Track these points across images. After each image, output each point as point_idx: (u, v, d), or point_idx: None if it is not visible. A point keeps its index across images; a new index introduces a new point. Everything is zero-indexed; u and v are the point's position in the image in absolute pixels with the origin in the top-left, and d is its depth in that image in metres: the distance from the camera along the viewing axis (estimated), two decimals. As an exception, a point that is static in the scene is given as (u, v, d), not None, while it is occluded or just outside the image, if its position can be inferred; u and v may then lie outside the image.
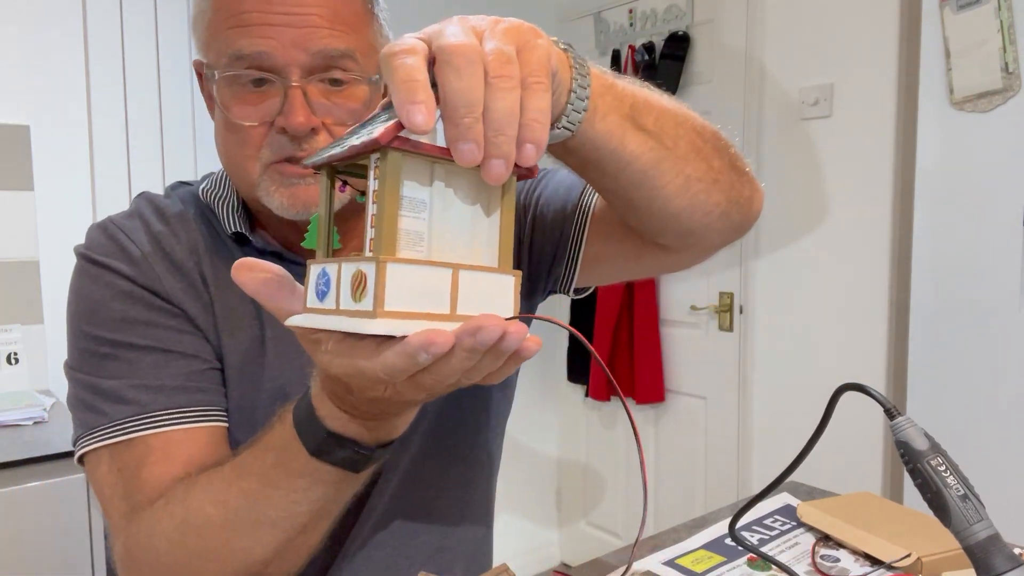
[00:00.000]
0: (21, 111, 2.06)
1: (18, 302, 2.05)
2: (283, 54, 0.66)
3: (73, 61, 2.14)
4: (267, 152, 0.69)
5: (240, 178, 0.72)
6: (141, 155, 2.29)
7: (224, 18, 0.67)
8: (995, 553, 0.53)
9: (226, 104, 0.69)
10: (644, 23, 2.49)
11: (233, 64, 0.67)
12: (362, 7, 0.71)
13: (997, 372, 1.65)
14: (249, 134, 0.69)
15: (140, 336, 0.70)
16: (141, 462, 0.66)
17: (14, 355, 2.00)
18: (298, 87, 0.66)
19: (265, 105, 0.68)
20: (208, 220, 0.77)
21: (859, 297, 2.00)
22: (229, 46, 0.66)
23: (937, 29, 1.68)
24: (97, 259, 0.73)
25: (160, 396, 0.68)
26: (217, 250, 0.75)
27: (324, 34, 0.66)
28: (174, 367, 0.70)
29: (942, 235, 1.73)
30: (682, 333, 2.48)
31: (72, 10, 2.13)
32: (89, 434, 0.68)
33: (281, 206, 0.70)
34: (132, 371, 0.69)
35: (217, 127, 0.73)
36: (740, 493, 2.31)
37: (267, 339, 0.74)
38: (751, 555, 0.87)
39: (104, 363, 0.69)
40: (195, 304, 0.73)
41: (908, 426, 0.57)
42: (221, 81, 0.68)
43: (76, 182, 2.15)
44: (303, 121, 0.66)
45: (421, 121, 0.39)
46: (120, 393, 0.68)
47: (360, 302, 0.41)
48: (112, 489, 0.67)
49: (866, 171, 1.97)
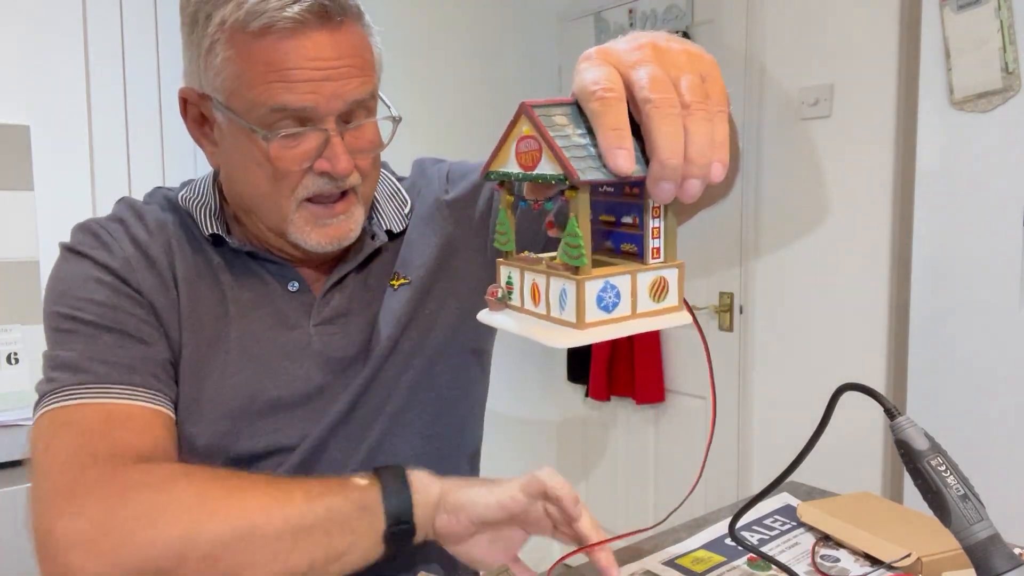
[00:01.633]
0: (21, 111, 2.06)
1: (18, 302, 2.05)
2: (325, 106, 0.70)
3: (73, 61, 2.14)
4: (302, 191, 0.74)
5: (271, 213, 0.76)
6: (141, 155, 2.28)
7: (263, 72, 0.69)
8: (995, 553, 0.53)
9: (277, 156, 0.72)
10: (644, 23, 2.49)
11: (272, 116, 0.70)
12: (369, 43, 0.76)
13: (997, 372, 1.65)
14: (288, 178, 0.73)
15: (101, 317, 0.73)
16: (108, 425, 0.68)
17: (14, 355, 2.00)
18: (338, 135, 0.72)
19: (301, 149, 0.72)
20: (185, 223, 0.82)
21: (859, 297, 2.00)
22: (271, 99, 0.69)
23: (937, 29, 1.68)
24: (76, 249, 0.77)
25: (115, 371, 0.71)
26: (191, 251, 0.80)
27: (356, 84, 0.72)
28: (131, 350, 0.73)
29: (942, 235, 1.73)
30: (682, 333, 2.48)
31: (72, 10, 2.13)
32: (42, 401, 0.70)
33: (318, 243, 0.76)
34: (90, 346, 0.71)
35: (233, 162, 0.76)
36: (740, 493, 2.31)
37: (231, 339, 0.78)
38: (751, 555, 0.87)
39: (65, 337, 0.73)
40: (163, 299, 0.77)
41: (908, 426, 0.57)
42: (274, 139, 0.71)
43: (76, 182, 2.15)
44: (347, 167, 0.72)
45: (626, 167, 0.43)
46: (76, 363, 0.70)
47: (660, 301, 0.48)
48: (68, 444, 0.66)
49: (866, 171, 1.97)
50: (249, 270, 0.81)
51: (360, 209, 0.78)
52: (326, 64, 0.70)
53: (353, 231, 0.77)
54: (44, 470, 0.66)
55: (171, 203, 0.84)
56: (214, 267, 0.80)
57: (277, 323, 0.80)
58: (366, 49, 0.74)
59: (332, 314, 0.82)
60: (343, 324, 0.82)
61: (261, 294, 0.81)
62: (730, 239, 2.29)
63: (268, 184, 0.74)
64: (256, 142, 0.72)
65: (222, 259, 0.81)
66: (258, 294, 0.81)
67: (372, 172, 0.78)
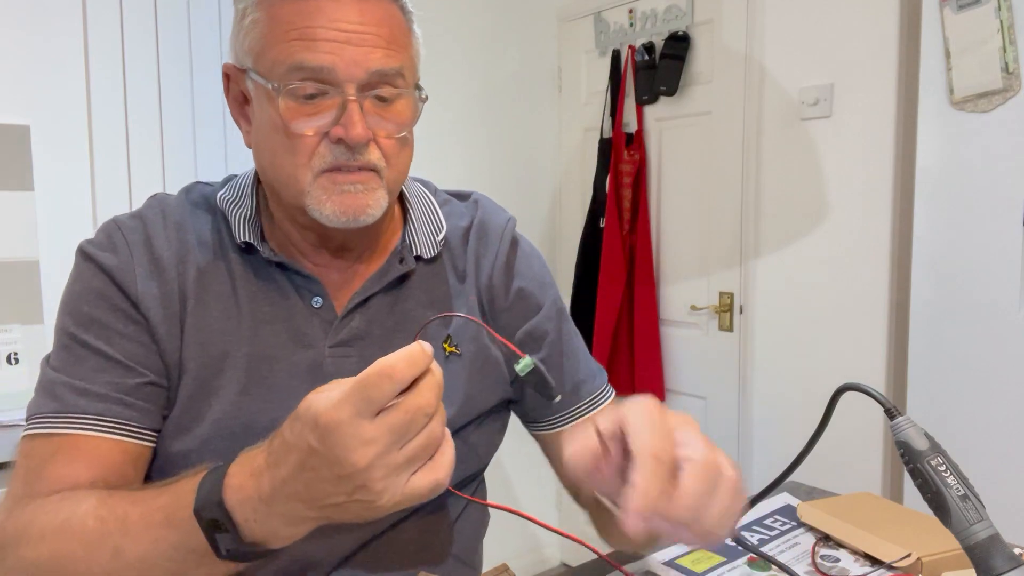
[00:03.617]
0: (21, 111, 2.06)
1: (18, 302, 2.05)
2: (344, 70, 0.69)
3: (73, 61, 2.14)
4: (319, 161, 0.71)
5: (289, 185, 0.73)
6: (141, 155, 2.28)
7: (285, 30, 0.69)
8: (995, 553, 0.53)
9: (287, 114, 0.70)
10: (644, 23, 2.49)
11: (292, 75, 0.69)
12: (406, 25, 0.75)
13: (997, 372, 1.65)
14: (303, 143, 0.71)
15: (94, 336, 0.73)
16: (47, 458, 0.70)
17: (14, 355, 2.00)
18: (356, 101, 0.69)
19: (320, 116, 0.70)
20: (217, 227, 0.80)
21: (859, 297, 2.00)
22: (291, 57, 0.69)
23: (937, 29, 1.68)
24: (88, 251, 0.76)
25: (81, 400, 0.71)
26: (214, 258, 0.78)
27: (380, 54, 0.70)
28: (108, 375, 0.72)
29: (942, 235, 1.73)
30: (682, 333, 2.48)
31: (72, 10, 2.13)
32: (26, 421, 0.74)
33: (332, 213, 0.72)
34: (72, 368, 0.73)
35: (262, 135, 0.74)
36: (740, 493, 2.31)
37: (240, 355, 0.76)
38: (751, 555, 0.87)
39: (59, 353, 0.74)
40: (162, 312, 0.75)
41: (908, 426, 0.57)
42: (283, 93, 0.70)
43: (76, 182, 2.15)
44: (361, 133, 0.69)
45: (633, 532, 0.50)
46: (53, 388, 0.72)
47: None
48: (17, 473, 0.71)
49: (866, 171, 1.97)
50: (273, 282, 0.78)
51: (383, 193, 0.74)
52: (349, 28, 0.69)
53: (371, 209, 0.73)
54: (8, 490, 0.71)
55: (207, 202, 0.81)
56: (235, 277, 0.78)
57: (291, 340, 0.77)
58: (396, 26, 0.73)
59: (350, 336, 0.78)
60: (360, 347, 0.78)
61: (280, 308, 0.78)
62: (730, 239, 2.29)
63: (286, 153, 0.72)
64: (275, 106, 0.70)
65: (248, 268, 0.78)
66: (277, 308, 0.78)
67: (398, 158, 0.75)
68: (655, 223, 2.51)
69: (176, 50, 2.32)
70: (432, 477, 0.52)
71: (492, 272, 0.86)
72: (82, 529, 0.61)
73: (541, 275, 0.90)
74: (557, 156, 2.85)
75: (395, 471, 0.50)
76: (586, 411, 0.88)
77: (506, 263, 0.87)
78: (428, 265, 0.84)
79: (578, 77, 2.74)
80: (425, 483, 0.52)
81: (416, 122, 0.76)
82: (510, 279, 0.87)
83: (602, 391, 0.90)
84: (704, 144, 2.35)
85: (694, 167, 2.39)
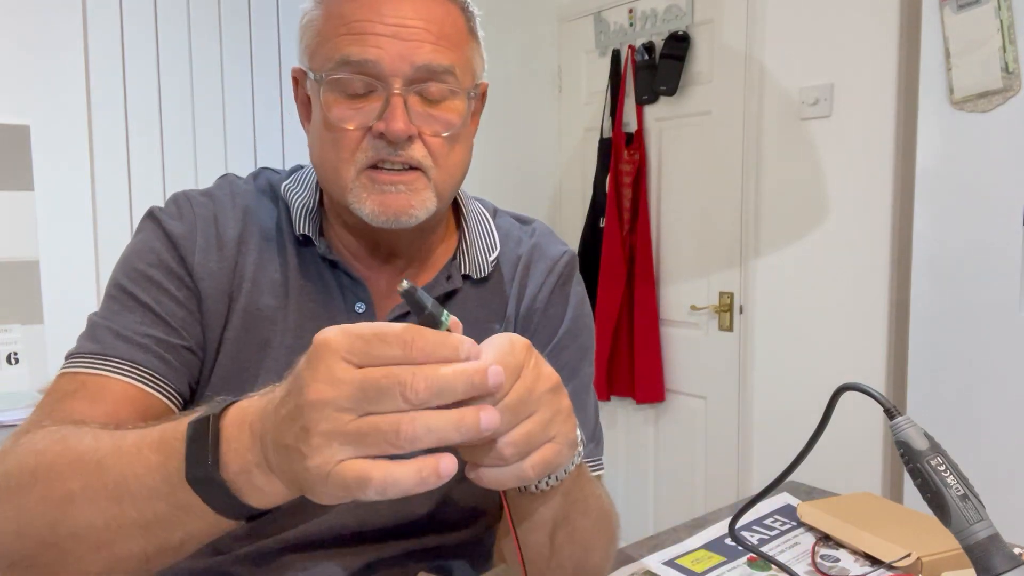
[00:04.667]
0: (21, 111, 2.06)
1: (18, 302, 2.05)
2: (389, 64, 0.68)
3: (73, 61, 2.14)
4: (362, 156, 0.71)
5: (333, 182, 0.73)
6: (141, 155, 2.28)
7: (336, 25, 0.70)
8: (995, 553, 0.53)
9: (327, 106, 0.70)
10: (644, 23, 2.49)
11: (339, 69, 0.69)
12: (464, 26, 0.74)
13: (997, 372, 1.65)
14: (346, 137, 0.70)
15: (144, 292, 0.73)
16: (71, 393, 0.68)
17: (14, 355, 2.00)
18: (400, 95, 0.69)
19: (364, 110, 0.70)
20: (279, 217, 0.80)
21: (859, 297, 2.00)
22: (338, 51, 0.69)
23: (937, 29, 1.68)
24: (155, 214, 0.77)
25: (120, 344, 0.70)
26: (271, 249, 0.78)
27: (429, 49, 0.69)
28: (151, 329, 0.72)
29: (942, 235, 1.73)
30: (682, 333, 2.48)
31: (72, 10, 2.13)
32: (64, 362, 0.72)
33: (372, 213, 0.71)
34: (117, 317, 0.72)
35: (313, 132, 0.75)
36: (740, 493, 2.31)
37: (279, 347, 0.75)
38: (751, 555, 0.87)
39: (107, 304, 0.74)
40: (214, 288, 0.75)
41: (908, 426, 0.57)
42: (325, 84, 0.70)
43: (76, 182, 2.15)
44: (403, 127, 0.68)
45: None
46: (94, 332, 0.72)
47: None
48: (40, 404, 0.69)
49: (866, 171, 1.97)
50: (323, 280, 0.78)
51: (430, 195, 0.72)
52: (397, 22, 0.68)
53: (414, 210, 0.71)
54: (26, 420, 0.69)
55: (272, 190, 0.82)
56: (289, 268, 0.77)
57: None
58: (451, 24, 0.72)
59: None
60: None
61: (324, 307, 0.77)
62: (730, 239, 2.29)
63: (330, 148, 0.71)
64: (326, 103, 0.70)
65: (302, 261, 0.78)
66: (320, 306, 0.77)
67: (447, 158, 0.73)
68: (655, 223, 2.51)
69: (176, 50, 2.32)
70: (367, 474, 0.42)
71: (533, 301, 0.84)
72: (77, 443, 0.58)
73: (576, 317, 0.85)
74: (557, 156, 2.85)
75: (337, 436, 0.42)
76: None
77: (549, 295, 0.84)
78: (475, 286, 0.82)
79: (578, 77, 2.74)
80: (352, 474, 0.42)
81: (466, 123, 0.74)
82: (546, 308, 0.84)
83: (586, 461, 0.81)
84: (704, 144, 2.35)
85: (694, 167, 2.39)
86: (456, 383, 0.44)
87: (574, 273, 0.88)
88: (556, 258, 0.86)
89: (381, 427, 0.42)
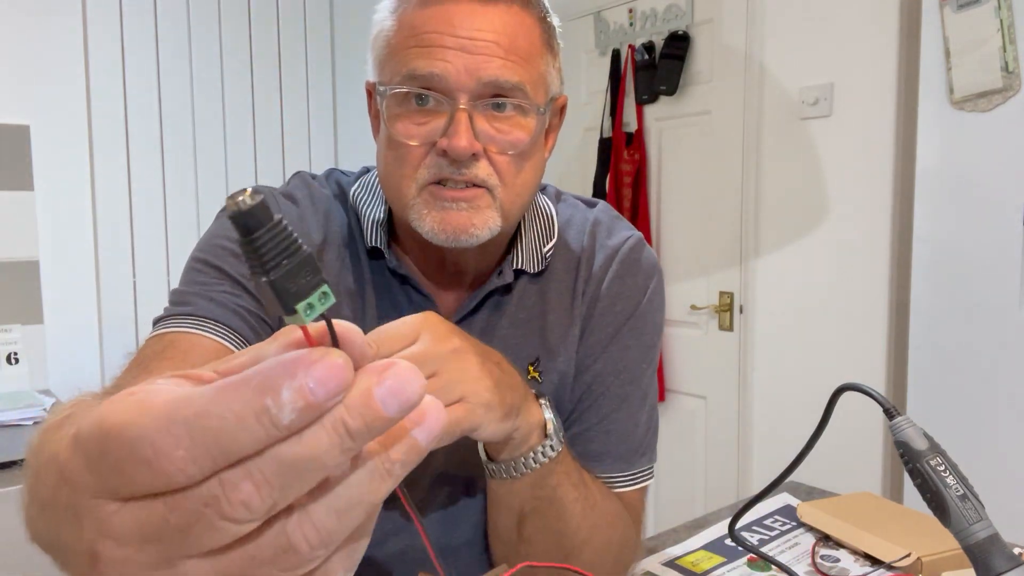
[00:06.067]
0: (21, 111, 2.06)
1: (18, 302, 2.05)
2: (455, 78, 0.66)
3: (73, 61, 2.14)
4: (424, 172, 0.68)
5: (396, 199, 0.71)
6: (141, 155, 2.29)
7: (405, 37, 0.68)
8: (995, 553, 0.53)
9: (391, 121, 0.69)
10: (644, 23, 2.49)
11: (404, 83, 0.67)
12: (540, 38, 0.72)
13: (997, 372, 1.65)
14: (410, 153, 0.68)
15: (230, 266, 0.71)
16: (157, 354, 0.65)
17: (14, 355, 2.00)
18: (465, 111, 0.66)
19: (429, 126, 0.67)
20: (350, 226, 0.77)
21: (859, 297, 2.00)
22: (405, 65, 0.67)
23: (937, 29, 1.68)
24: None
25: (214, 307, 0.68)
26: (343, 257, 0.76)
27: (497, 64, 0.66)
28: (243, 299, 0.70)
29: (942, 235, 1.73)
30: (682, 333, 2.48)
31: (72, 10, 2.13)
32: (153, 327, 0.70)
33: (432, 230, 0.68)
34: (207, 286, 0.70)
35: (379, 146, 0.73)
36: (740, 493, 2.31)
37: None
38: (751, 555, 0.87)
39: (191, 275, 0.72)
40: None
41: (907, 426, 0.57)
42: (390, 98, 0.68)
43: (76, 182, 2.15)
44: (466, 145, 0.66)
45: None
46: (185, 297, 0.70)
47: None
48: (123, 370, 0.65)
49: (866, 171, 1.97)
50: (392, 296, 0.76)
51: (493, 215, 0.69)
52: (468, 35, 0.66)
53: (476, 229, 0.68)
54: None
55: (344, 195, 0.80)
56: (364, 279, 0.75)
57: None
58: (524, 36, 0.69)
59: None
60: None
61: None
62: (730, 239, 2.29)
63: (394, 163, 0.70)
64: (390, 117, 0.69)
65: (374, 272, 0.76)
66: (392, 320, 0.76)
67: (515, 177, 0.70)
68: (655, 223, 2.51)
69: (176, 50, 2.32)
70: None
71: (595, 294, 0.79)
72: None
73: (643, 313, 0.80)
74: (557, 156, 2.85)
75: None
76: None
77: (610, 286, 0.79)
78: (533, 280, 0.79)
79: (578, 76, 2.74)
80: None
81: (537, 141, 0.71)
82: (608, 301, 0.79)
83: (613, 476, 0.79)
84: (704, 144, 2.35)
85: (694, 167, 2.39)
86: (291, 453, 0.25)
87: (640, 260, 0.82)
88: (617, 246, 0.81)
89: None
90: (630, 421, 0.79)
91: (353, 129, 2.72)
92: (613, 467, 0.79)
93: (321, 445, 0.23)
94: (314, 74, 2.57)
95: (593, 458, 0.77)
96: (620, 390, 0.79)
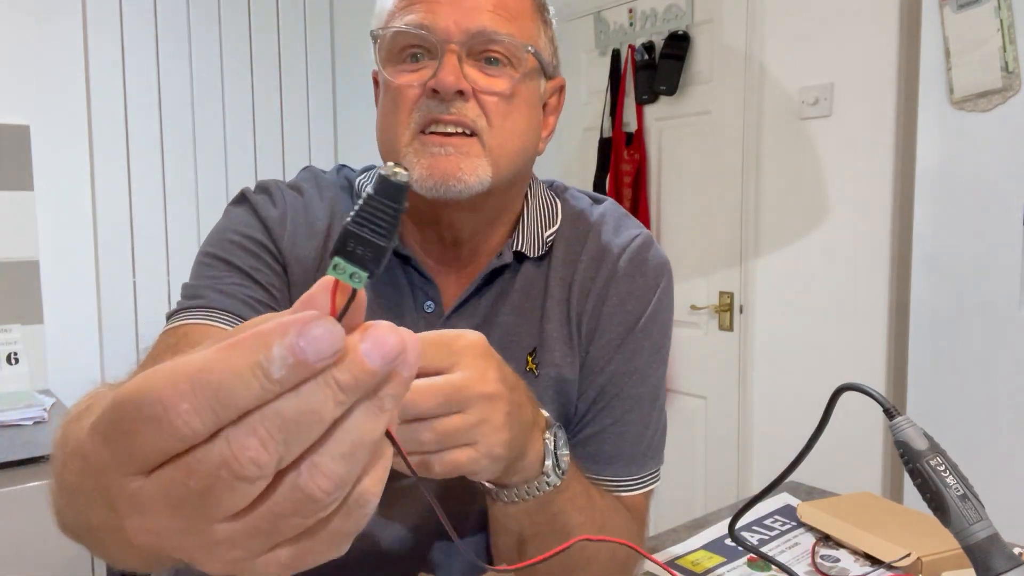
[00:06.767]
0: (21, 111, 2.06)
1: (18, 302, 2.05)
2: (443, 28, 0.68)
3: (73, 61, 2.14)
4: (416, 116, 0.69)
5: (391, 150, 0.72)
6: (141, 155, 2.29)
7: (398, 4, 0.71)
8: (995, 553, 0.53)
9: (385, 64, 0.71)
10: (644, 23, 2.49)
11: (396, 39, 0.70)
12: (531, 4, 0.75)
13: (997, 372, 1.65)
14: (403, 95, 0.70)
15: (239, 260, 0.73)
16: (170, 347, 0.66)
17: (14, 355, 2.00)
18: (454, 53, 0.68)
19: (421, 73, 0.70)
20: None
21: (859, 297, 2.00)
22: (400, 20, 0.70)
23: (937, 29, 1.68)
24: (247, 195, 0.78)
25: (225, 299, 0.70)
26: None
27: (487, 16, 0.69)
28: (252, 290, 0.72)
29: (942, 235, 1.73)
30: (682, 333, 2.48)
31: (72, 10, 2.13)
32: (167, 322, 0.71)
33: (421, 177, 0.68)
34: (216, 278, 0.72)
35: (379, 111, 0.75)
36: (740, 493, 2.31)
37: None
38: (751, 555, 0.87)
39: (201, 269, 0.74)
40: (303, 277, 0.75)
41: (907, 426, 0.57)
42: (386, 52, 0.71)
43: (76, 182, 2.15)
44: (453, 80, 0.67)
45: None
46: (196, 291, 0.72)
47: None
48: (139, 365, 0.65)
49: (866, 171, 1.97)
50: (394, 278, 0.76)
51: (482, 163, 0.69)
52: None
53: (464, 174, 0.68)
54: None
55: (350, 186, 0.82)
56: None
57: None
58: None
59: None
60: None
61: (395, 304, 0.75)
62: (730, 239, 2.29)
63: (390, 113, 0.71)
64: (384, 66, 0.71)
65: None
66: (390, 305, 0.75)
67: (504, 121, 0.70)
68: (655, 223, 2.51)
69: (176, 50, 2.32)
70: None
71: (601, 293, 0.78)
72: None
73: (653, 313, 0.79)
74: (557, 156, 2.85)
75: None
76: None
77: (617, 286, 0.78)
78: (535, 264, 0.78)
79: (578, 76, 2.74)
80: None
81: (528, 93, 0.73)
82: (613, 301, 0.78)
83: (621, 480, 0.77)
84: (704, 144, 2.35)
85: (694, 167, 2.39)
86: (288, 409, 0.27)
87: (649, 259, 0.80)
88: (625, 244, 0.80)
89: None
90: (641, 423, 0.78)
91: (353, 129, 2.72)
92: (623, 471, 0.78)
93: (316, 399, 0.26)
94: (314, 74, 2.57)
95: (605, 461, 0.77)
96: (633, 391, 0.78)
